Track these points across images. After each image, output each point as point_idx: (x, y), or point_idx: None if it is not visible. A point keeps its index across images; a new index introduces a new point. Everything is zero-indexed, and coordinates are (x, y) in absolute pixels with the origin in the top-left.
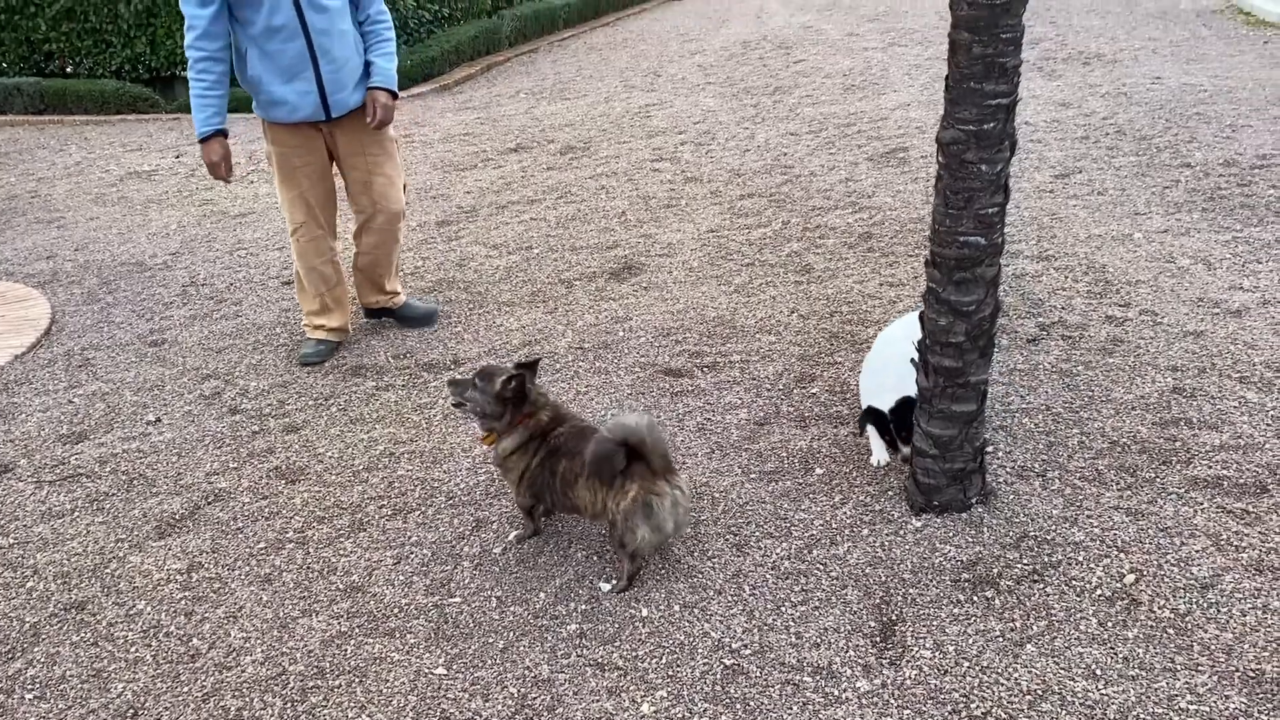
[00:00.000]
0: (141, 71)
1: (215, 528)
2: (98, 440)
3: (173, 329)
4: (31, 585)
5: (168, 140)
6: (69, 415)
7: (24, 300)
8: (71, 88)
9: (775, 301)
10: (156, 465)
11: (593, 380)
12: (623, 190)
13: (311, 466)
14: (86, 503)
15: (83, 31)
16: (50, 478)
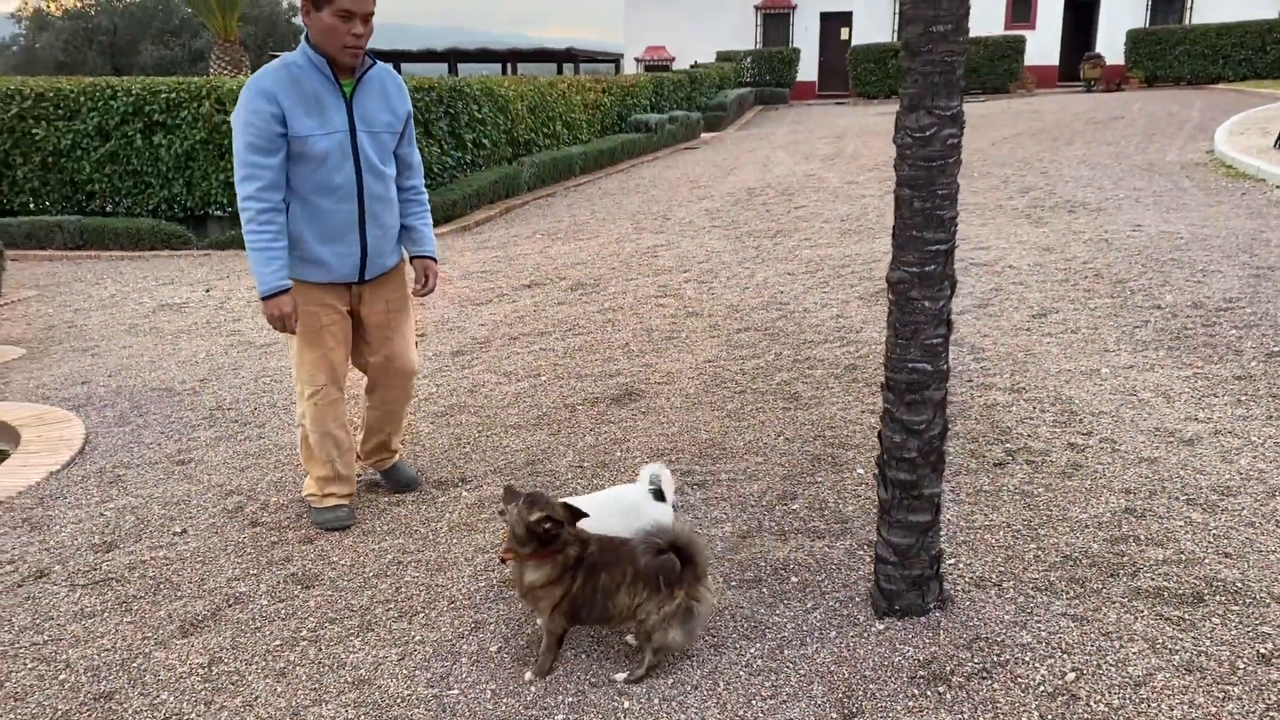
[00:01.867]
0: (177, 210)
1: (235, 627)
2: (127, 549)
3: (199, 449)
4: (64, 677)
5: (198, 274)
6: (100, 526)
7: (60, 422)
8: (109, 225)
9: (763, 426)
10: (182, 571)
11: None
12: (628, 323)
13: (325, 573)
14: (116, 604)
15: (124, 173)
16: (83, 582)
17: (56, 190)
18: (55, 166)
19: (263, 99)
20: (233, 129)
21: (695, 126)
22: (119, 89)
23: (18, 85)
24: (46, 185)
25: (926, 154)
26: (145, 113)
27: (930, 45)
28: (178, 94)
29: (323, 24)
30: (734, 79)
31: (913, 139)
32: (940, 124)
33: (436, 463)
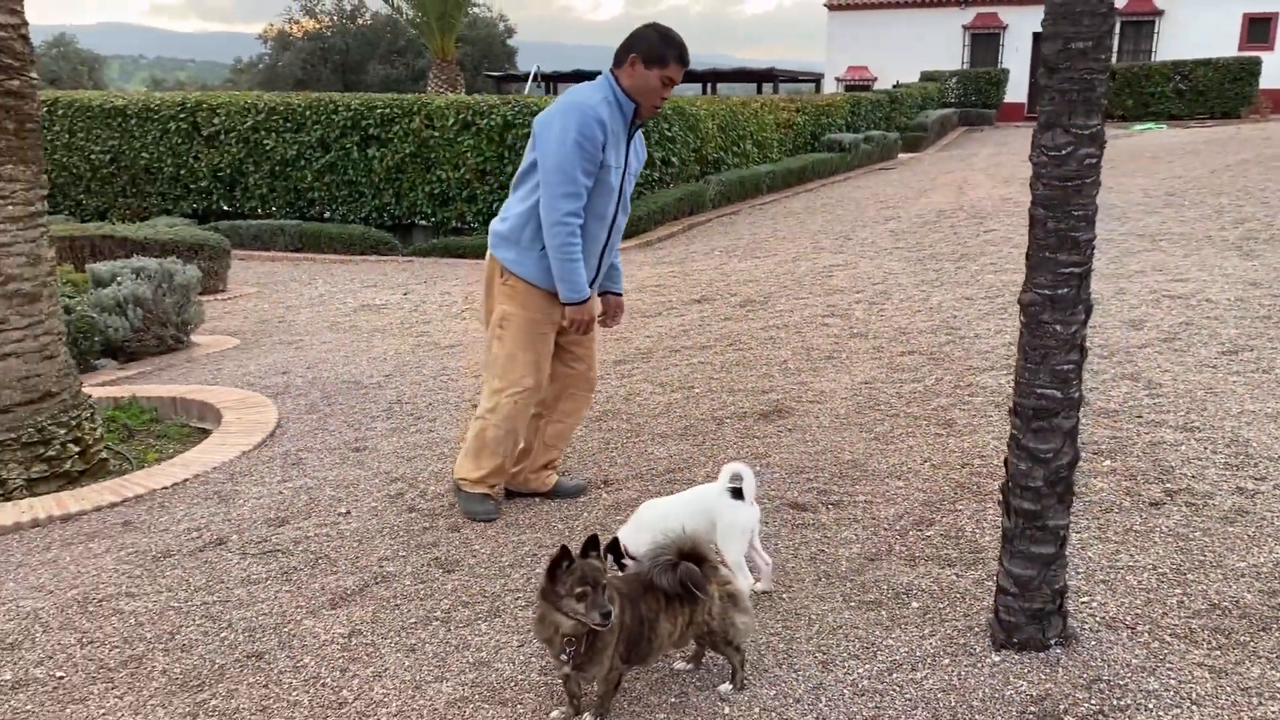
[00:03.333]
0: (385, 219)
1: (378, 603)
2: (296, 525)
3: (374, 438)
4: (225, 635)
5: (399, 279)
6: (277, 503)
7: (258, 407)
8: (325, 230)
9: (911, 450)
10: (340, 548)
11: None
12: (789, 341)
13: (466, 560)
14: (279, 574)
15: (341, 183)
16: (253, 551)
17: (282, 196)
18: (281, 175)
19: (597, 127)
20: (555, 146)
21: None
22: (340, 104)
23: (253, 100)
24: (273, 192)
25: (1062, 173)
26: (362, 127)
27: (1069, 62)
28: (391, 110)
29: (647, 81)
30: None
31: (1048, 157)
32: (1077, 143)
33: (583, 464)
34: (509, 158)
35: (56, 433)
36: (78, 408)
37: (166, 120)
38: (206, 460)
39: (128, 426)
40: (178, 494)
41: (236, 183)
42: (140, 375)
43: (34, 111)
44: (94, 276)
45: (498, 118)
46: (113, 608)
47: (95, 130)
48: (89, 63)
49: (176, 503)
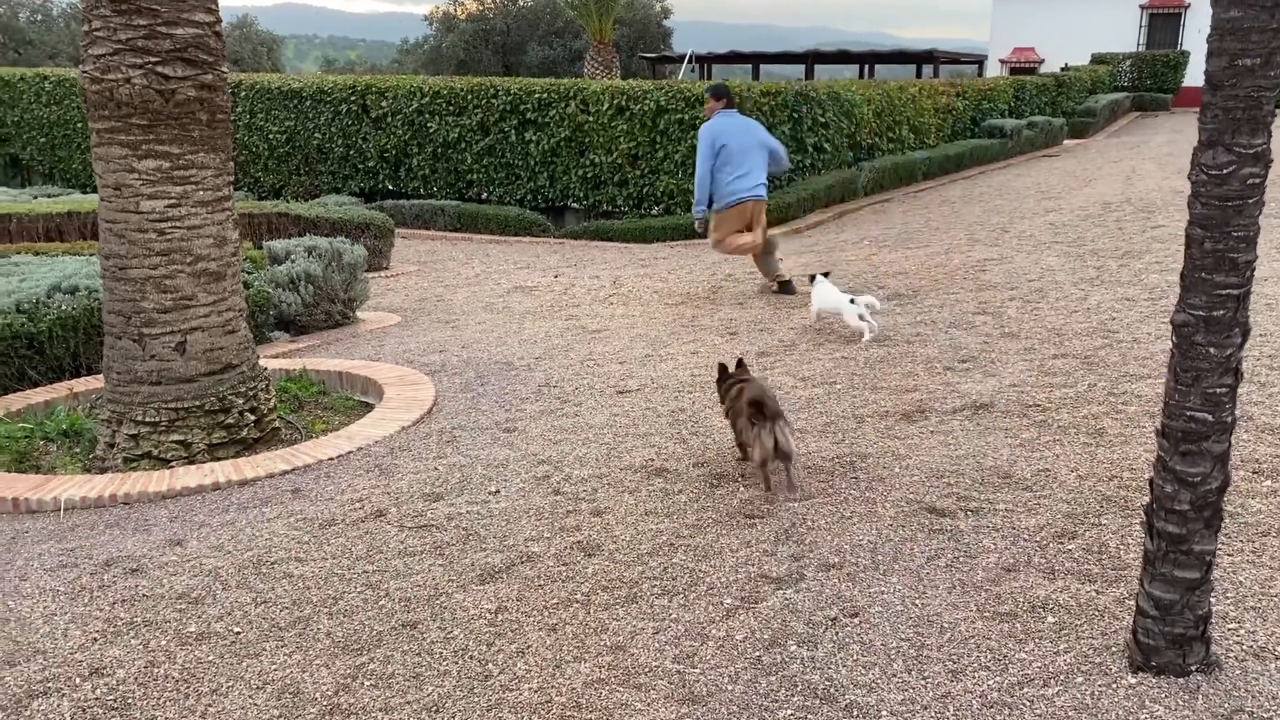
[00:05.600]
0: (539, 201)
1: (523, 582)
2: (449, 501)
3: (523, 420)
4: (383, 604)
5: (551, 261)
6: (432, 479)
7: (416, 384)
8: (483, 211)
9: (1057, 459)
10: (489, 527)
11: (858, 507)
12: (936, 339)
13: (606, 545)
14: (432, 548)
15: (499, 165)
16: (410, 525)
17: (443, 178)
18: (443, 157)
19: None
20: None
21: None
22: (500, 89)
23: (419, 83)
24: (435, 173)
25: (1222, 193)
26: (520, 111)
27: (1235, 80)
28: (548, 94)
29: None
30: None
31: (1208, 176)
32: (1240, 162)
33: (723, 456)
34: (660, 143)
35: (235, 402)
36: (255, 379)
37: (338, 102)
38: (369, 434)
39: (298, 397)
40: (342, 465)
41: (401, 163)
42: (309, 348)
43: (224, 103)
44: (270, 253)
45: (650, 103)
46: (283, 571)
47: (274, 111)
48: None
49: (341, 473)
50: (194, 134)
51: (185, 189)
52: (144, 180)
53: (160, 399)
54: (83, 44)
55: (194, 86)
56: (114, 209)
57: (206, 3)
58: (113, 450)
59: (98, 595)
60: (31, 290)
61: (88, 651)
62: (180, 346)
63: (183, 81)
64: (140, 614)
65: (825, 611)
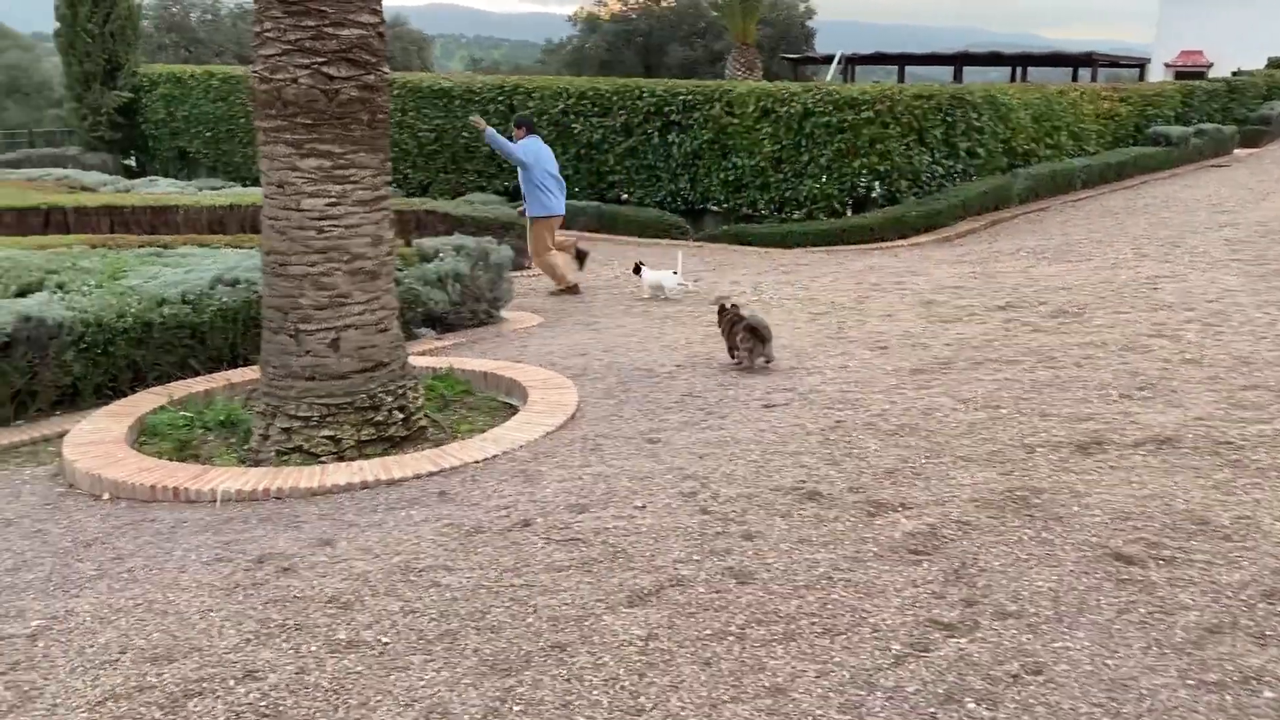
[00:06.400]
0: (679, 203)
1: (674, 608)
2: (595, 514)
3: (667, 430)
4: (530, 621)
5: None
6: (577, 489)
7: (560, 388)
8: (622, 213)
9: (1258, 504)
10: (636, 544)
11: (1034, 549)
12: (1109, 363)
13: (759, 573)
14: (579, 564)
15: (640, 167)
16: (557, 537)
17: (585, 178)
18: (586, 158)
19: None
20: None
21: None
22: (645, 90)
23: (565, 84)
24: (578, 173)
25: None
26: (664, 113)
27: None
28: (693, 96)
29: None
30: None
31: None
32: None
33: (878, 481)
34: (806, 146)
35: (385, 400)
36: (404, 377)
37: (486, 102)
38: (514, 438)
39: (444, 396)
40: (488, 469)
41: None
42: (454, 346)
43: (384, 104)
44: (420, 251)
45: (798, 105)
46: (431, 579)
47: (424, 110)
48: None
49: (487, 478)
50: (355, 134)
51: (345, 188)
52: (306, 179)
53: (313, 394)
54: (254, 44)
55: (357, 87)
56: (276, 206)
57: (371, 3)
58: (266, 443)
59: (251, 593)
60: (196, 281)
61: (241, 652)
62: (334, 343)
63: (346, 82)
64: (292, 616)
65: (1005, 666)
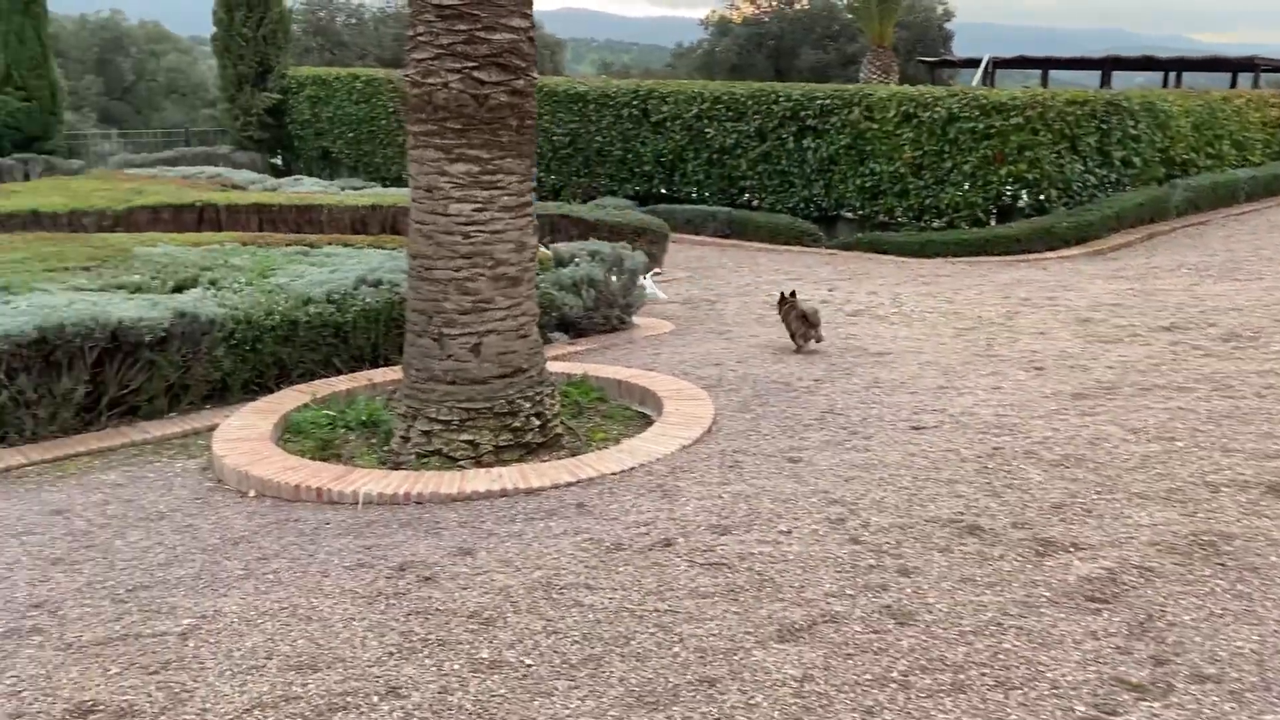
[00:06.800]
0: (812, 210)
1: (829, 647)
2: (738, 536)
3: (808, 450)
4: (676, 651)
5: (823, 273)
6: (718, 508)
7: (695, 399)
8: (753, 219)
9: None
10: (784, 573)
11: (1230, 603)
12: None
13: (920, 614)
14: (725, 591)
15: (773, 172)
16: (700, 561)
17: (716, 183)
18: (718, 162)
19: None
20: None
21: None
22: (780, 94)
23: (699, 89)
24: (709, 178)
25: None
26: (800, 117)
27: None
28: (831, 100)
29: None
30: None
31: None
32: None
33: (1045, 516)
34: (949, 152)
35: (523, 406)
36: (542, 384)
37: (620, 106)
38: (650, 450)
39: (579, 403)
40: (624, 482)
41: (676, 168)
42: (587, 351)
43: (532, 109)
44: (555, 256)
45: (941, 111)
46: (573, 598)
47: (559, 114)
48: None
49: (624, 491)
50: (503, 139)
51: (491, 194)
52: (454, 184)
53: (454, 398)
54: (406, 48)
55: (506, 92)
56: (424, 210)
57: (523, 8)
58: (406, 445)
59: (393, 603)
60: (340, 281)
61: (384, 666)
62: (475, 348)
63: (496, 87)
64: (434, 630)
65: None
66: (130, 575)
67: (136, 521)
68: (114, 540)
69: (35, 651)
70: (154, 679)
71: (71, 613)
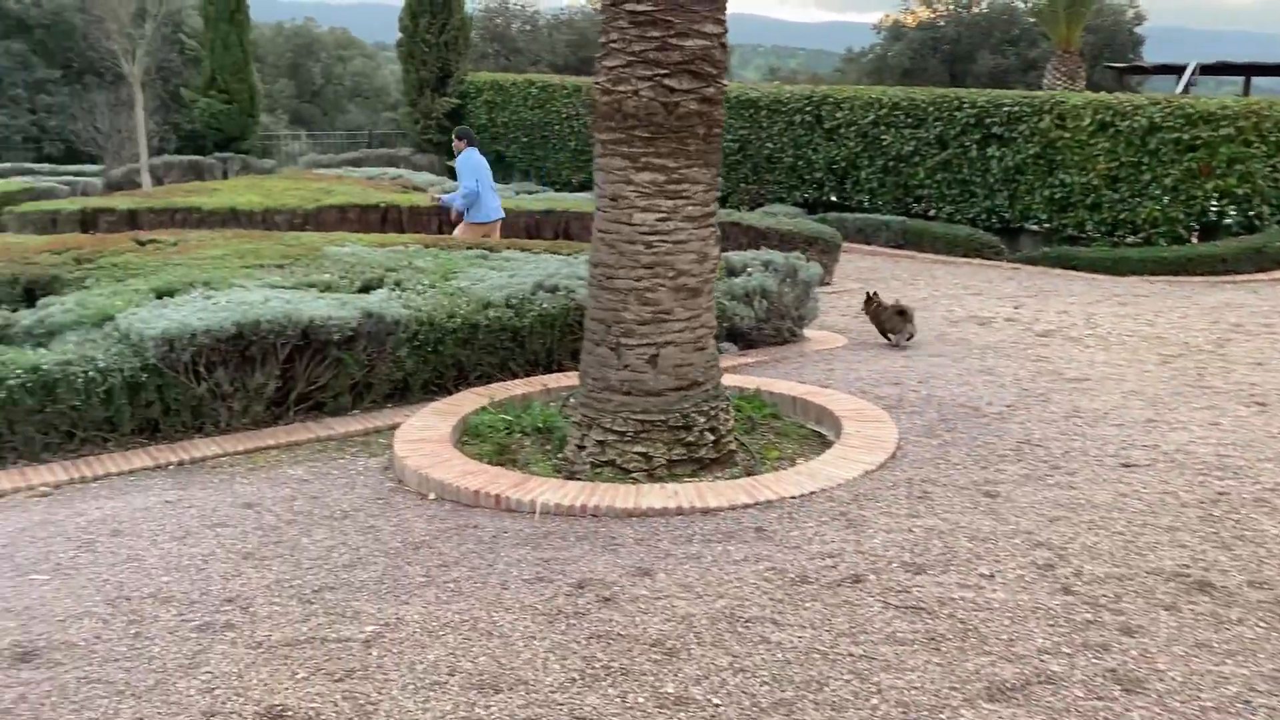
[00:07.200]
0: (993, 221)
1: (1047, 713)
2: (935, 577)
3: (1005, 484)
4: (875, 703)
5: (1006, 289)
6: (909, 543)
7: (875, 421)
8: (929, 229)
9: None
10: (989, 622)
11: None
12: None
13: (1151, 681)
14: (925, 638)
15: (953, 181)
16: (895, 602)
17: (890, 192)
18: (893, 170)
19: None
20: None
21: None
22: (964, 100)
23: (877, 94)
24: (883, 187)
25: None
26: (984, 124)
27: None
28: (1019, 107)
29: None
30: None
31: None
32: None
33: None
34: (1149, 164)
35: (697, 420)
36: (717, 398)
37: (792, 112)
38: (830, 474)
39: (751, 419)
40: (805, 507)
41: (848, 175)
42: (757, 364)
43: (720, 117)
44: (727, 265)
45: (1142, 120)
46: (759, 634)
47: (729, 119)
48: None
49: (805, 517)
50: (690, 148)
51: (676, 203)
52: (639, 193)
53: (629, 409)
54: (598, 56)
55: (696, 100)
56: (608, 219)
57: (716, 13)
58: (581, 453)
59: (574, 624)
60: (519, 286)
61: (567, 693)
62: (652, 359)
63: (686, 95)
64: (616, 657)
65: None
66: (316, 575)
67: (321, 520)
68: (300, 538)
69: (228, 648)
70: (339, 687)
71: (261, 610)
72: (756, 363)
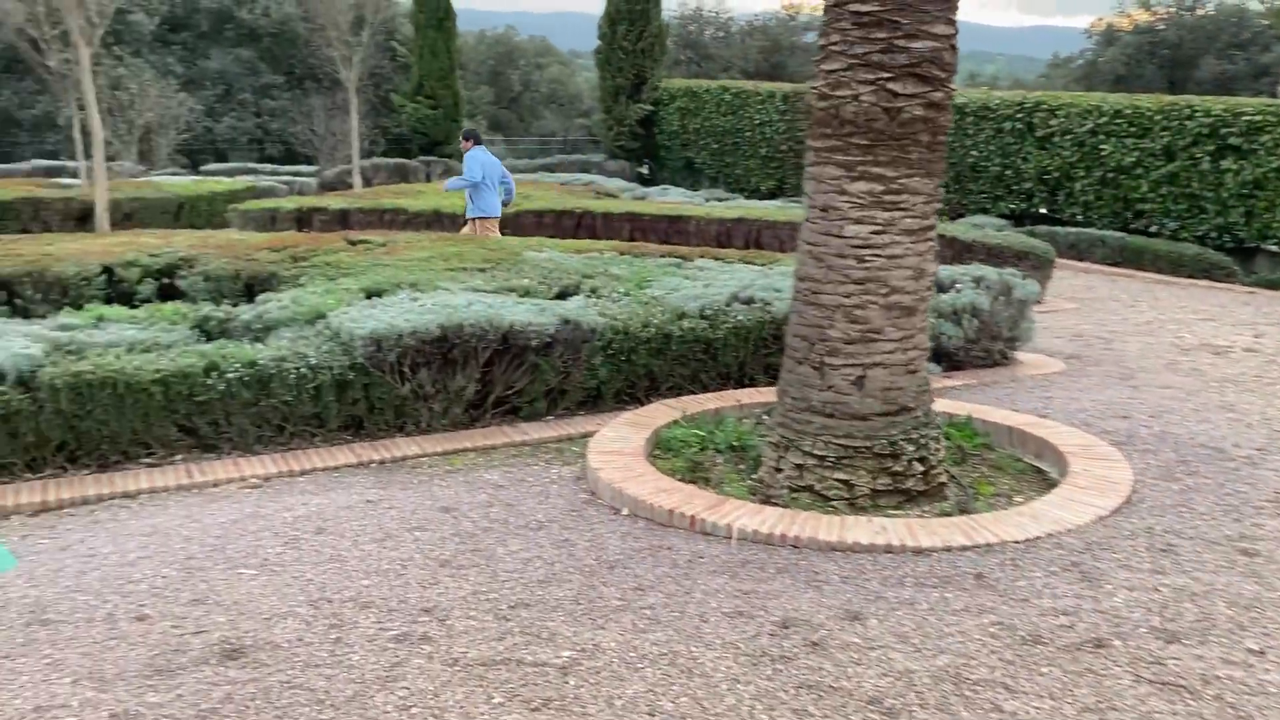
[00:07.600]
0: (1225, 240)
1: None
2: (1193, 649)
3: (1266, 541)
4: None
5: (1242, 315)
6: (1158, 605)
7: (1106, 460)
8: (1151, 246)
9: None
10: (1266, 710)
11: None
12: None
13: None
14: None
15: (1180, 196)
16: (1148, 675)
17: (1107, 205)
18: (1112, 182)
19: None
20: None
21: None
22: (1197, 109)
23: (1096, 101)
24: (1099, 200)
25: None
26: (1220, 135)
27: None
28: (1263, 117)
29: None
30: None
31: None
32: None
33: None
34: None
35: (905, 448)
36: (927, 426)
37: (1001, 119)
38: (1057, 517)
39: (961, 449)
40: (1030, 554)
41: (1061, 187)
42: (964, 387)
43: (946, 123)
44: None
45: None
46: (990, 700)
47: None
48: None
49: (1031, 566)
50: (911, 156)
51: (893, 215)
52: (853, 204)
53: (831, 432)
54: (816, 59)
55: (921, 105)
56: (817, 231)
57: (948, 13)
58: (777, 476)
59: (780, 669)
60: (714, 297)
61: None
62: (859, 381)
63: (911, 99)
64: (830, 714)
65: None
66: (511, 590)
67: (516, 529)
68: (496, 547)
69: (424, 663)
70: (536, 717)
71: (458, 624)
72: (964, 386)
